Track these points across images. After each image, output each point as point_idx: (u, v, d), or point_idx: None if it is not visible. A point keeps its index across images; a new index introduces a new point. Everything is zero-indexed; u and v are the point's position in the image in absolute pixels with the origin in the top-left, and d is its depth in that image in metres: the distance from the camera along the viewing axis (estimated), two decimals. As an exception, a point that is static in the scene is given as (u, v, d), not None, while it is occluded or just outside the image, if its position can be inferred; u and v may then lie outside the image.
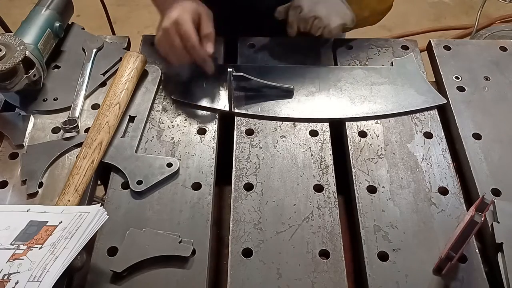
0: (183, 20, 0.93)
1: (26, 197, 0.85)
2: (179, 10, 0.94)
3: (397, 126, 0.97)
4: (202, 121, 0.97)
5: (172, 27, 0.93)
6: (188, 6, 0.95)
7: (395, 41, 1.15)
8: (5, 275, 0.68)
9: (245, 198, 0.85)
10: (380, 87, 1.03)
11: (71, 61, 1.08)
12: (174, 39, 0.93)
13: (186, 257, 0.77)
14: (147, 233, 0.79)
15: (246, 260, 0.78)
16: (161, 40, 0.96)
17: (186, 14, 0.93)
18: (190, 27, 0.93)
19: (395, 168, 0.90)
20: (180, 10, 0.93)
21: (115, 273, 0.75)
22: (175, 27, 0.93)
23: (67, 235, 0.73)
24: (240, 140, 0.94)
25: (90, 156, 0.87)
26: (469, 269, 0.77)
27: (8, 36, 0.94)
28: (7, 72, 0.91)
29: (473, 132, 0.95)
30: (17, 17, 1.12)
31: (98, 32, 1.14)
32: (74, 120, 0.95)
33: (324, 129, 0.96)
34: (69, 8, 1.14)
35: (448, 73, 1.06)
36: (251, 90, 1.01)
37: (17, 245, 0.73)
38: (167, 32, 0.93)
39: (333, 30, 1.04)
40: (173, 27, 0.93)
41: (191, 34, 0.93)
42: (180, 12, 0.93)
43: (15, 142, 0.93)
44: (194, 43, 0.94)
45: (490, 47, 1.13)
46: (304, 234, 0.81)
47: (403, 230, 0.81)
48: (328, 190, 0.86)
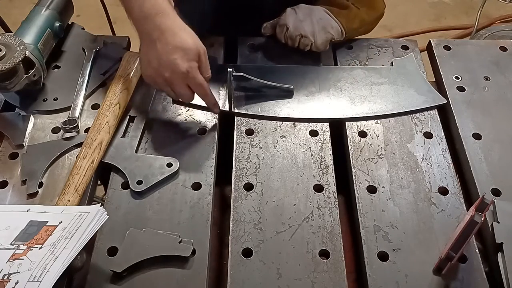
0: (194, 73, 0.86)
1: (26, 197, 0.85)
2: (182, 54, 0.85)
3: (397, 126, 0.97)
4: (202, 121, 0.97)
5: (179, 78, 0.87)
6: (189, 46, 0.86)
7: (395, 41, 1.15)
8: (5, 275, 0.68)
9: (245, 198, 0.85)
10: (380, 87, 1.03)
11: (71, 61, 1.08)
12: (181, 88, 0.88)
13: (186, 257, 0.77)
14: (147, 233, 0.79)
15: (246, 260, 0.78)
16: (158, 81, 0.89)
17: (193, 62, 0.86)
18: (202, 80, 0.88)
19: (395, 168, 0.90)
20: (183, 54, 0.85)
21: (115, 273, 0.75)
22: (184, 79, 0.87)
23: (67, 235, 0.73)
24: (240, 140, 0.94)
25: (90, 156, 0.87)
26: (469, 269, 0.76)
27: (8, 36, 0.94)
28: (7, 72, 0.91)
29: (473, 132, 0.95)
30: (17, 17, 1.12)
31: (98, 32, 1.14)
32: (74, 120, 0.95)
33: (324, 129, 0.96)
34: (69, 8, 1.14)
35: (448, 73, 1.06)
36: (251, 90, 1.01)
37: (17, 245, 0.73)
38: (171, 81, 0.87)
39: (320, 46, 1.05)
40: (182, 79, 0.87)
41: (205, 86, 0.89)
42: (187, 61, 0.86)
43: (15, 142, 0.93)
44: (207, 92, 0.91)
45: (490, 47, 1.13)
46: (304, 234, 0.81)
47: (403, 230, 0.81)
48: (328, 190, 0.86)
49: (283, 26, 1.05)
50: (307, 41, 1.04)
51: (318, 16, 1.05)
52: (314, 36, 1.04)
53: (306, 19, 1.04)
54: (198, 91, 0.90)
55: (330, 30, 1.05)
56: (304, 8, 1.06)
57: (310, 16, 1.04)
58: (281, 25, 1.06)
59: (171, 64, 0.85)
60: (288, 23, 1.04)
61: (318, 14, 1.05)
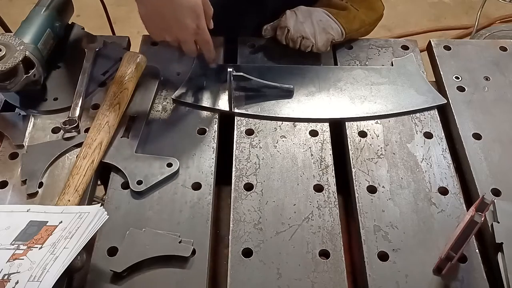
0: (202, 31, 0.93)
1: (26, 197, 0.85)
2: (189, 11, 0.89)
3: (397, 126, 0.97)
4: (202, 121, 0.97)
5: (189, 35, 0.93)
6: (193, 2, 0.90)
7: (395, 41, 1.15)
8: (5, 275, 0.68)
9: (245, 198, 0.85)
10: (380, 87, 1.03)
11: (71, 61, 1.08)
12: (189, 44, 0.94)
13: (186, 257, 0.77)
14: (147, 233, 0.79)
15: (246, 260, 0.78)
16: (166, 38, 0.94)
17: (201, 20, 0.91)
18: (209, 37, 0.95)
19: (395, 168, 0.90)
20: (190, 12, 0.89)
21: (115, 273, 0.75)
22: (192, 36, 0.93)
23: (67, 235, 0.73)
24: (240, 140, 0.94)
25: (90, 156, 0.87)
26: (469, 269, 0.77)
27: (8, 36, 0.94)
28: (7, 72, 0.91)
29: (473, 132, 0.95)
30: (17, 17, 1.11)
31: (98, 32, 1.14)
32: (74, 120, 0.95)
33: (324, 129, 0.96)
34: (69, 8, 1.14)
35: (448, 73, 1.06)
36: (251, 90, 1.01)
37: (17, 245, 0.73)
38: (180, 39, 0.93)
39: (321, 47, 1.06)
40: (191, 36, 0.93)
41: (211, 42, 0.96)
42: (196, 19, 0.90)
43: (15, 142, 0.93)
44: (212, 48, 0.98)
45: (490, 47, 1.13)
46: (304, 234, 0.81)
47: (403, 230, 0.81)
48: (328, 190, 0.86)
49: (284, 28, 1.06)
50: (308, 42, 1.05)
51: (318, 17, 1.05)
52: (315, 37, 1.04)
53: (307, 20, 1.05)
54: (204, 47, 0.97)
55: (331, 31, 1.05)
56: (304, 10, 1.07)
57: (310, 18, 1.05)
58: (282, 27, 1.06)
59: (180, 24, 0.90)
60: (289, 25, 1.04)
61: (318, 15, 1.06)
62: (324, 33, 1.05)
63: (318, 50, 1.06)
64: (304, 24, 1.04)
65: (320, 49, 1.06)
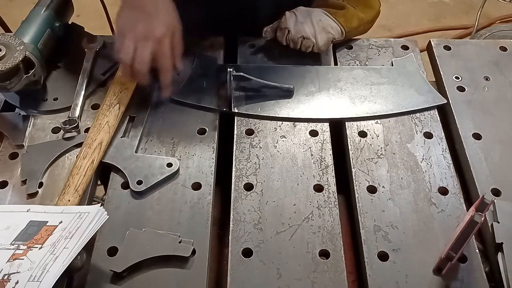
0: (166, 42, 0.91)
1: (26, 197, 0.85)
2: (162, 22, 0.90)
3: (397, 126, 0.97)
4: (202, 121, 0.97)
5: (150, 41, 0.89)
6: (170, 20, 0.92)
7: (395, 41, 1.15)
8: (5, 275, 0.68)
9: (245, 198, 0.85)
10: (380, 87, 1.03)
11: (71, 61, 1.08)
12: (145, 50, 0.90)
13: (186, 257, 0.77)
14: (147, 233, 0.79)
15: (246, 260, 0.78)
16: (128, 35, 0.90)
17: (170, 33, 0.91)
18: (169, 53, 0.92)
19: (395, 168, 0.90)
20: (163, 23, 0.90)
21: (115, 273, 0.75)
22: (154, 43, 0.90)
23: (67, 235, 0.73)
24: (240, 140, 0.94)
25: (90, 156, 0.87)
26: (469, 269, 0.77)
27: (8, 36, 0.94)
28: (7, 72, 0.91)
29: (473, 132, 0.95)
30: (17, 17, 1.12)
31: (98, 32, 1.14)
32: (74, 120, 0.95)
33: (324, 129, 0.96)
34: (69, 8, 1.14)
35: (448, 73, 1.06)
36: (251, 90, 1.01)
37: (17, 245, 0.73)
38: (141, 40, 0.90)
39: (322, 47, 1.06)
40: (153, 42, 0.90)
41: (169, 60, 0.93)
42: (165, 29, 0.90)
43: (15, 142, 0.93)
44: (169, 68, 0.94)
45: (490, 47, 1.13)
46: (304, 234, 0.81)
47: (403, 230, 0.81)
48: (328, 190, 0.86)
49: (284, 30, 1.06)
50: (309, 42, 1.05)
51: (317, 17, 1.06)
52: (315, 37, 1.04)
53: (306, 21, 1.05)
54: (161, 61, 0.92)
55: (331, 30, 1.05)
56: (303, 10, 1.07)
57: (310, 18, 1.05)
58: (282, 28, 1.06)
59: (149, 25, 0.89)
60: (289, 26, 1.05)
61: (317, 15, 1.06)
62: (325, 33, 1.05)
63: (319, 49, 1.07)
64: (304, 24, 1.05)
65: (321, 49, 1.07)
